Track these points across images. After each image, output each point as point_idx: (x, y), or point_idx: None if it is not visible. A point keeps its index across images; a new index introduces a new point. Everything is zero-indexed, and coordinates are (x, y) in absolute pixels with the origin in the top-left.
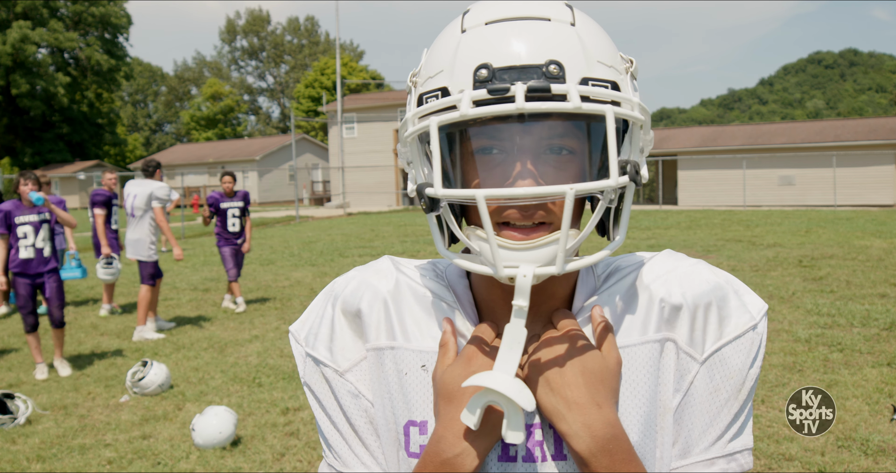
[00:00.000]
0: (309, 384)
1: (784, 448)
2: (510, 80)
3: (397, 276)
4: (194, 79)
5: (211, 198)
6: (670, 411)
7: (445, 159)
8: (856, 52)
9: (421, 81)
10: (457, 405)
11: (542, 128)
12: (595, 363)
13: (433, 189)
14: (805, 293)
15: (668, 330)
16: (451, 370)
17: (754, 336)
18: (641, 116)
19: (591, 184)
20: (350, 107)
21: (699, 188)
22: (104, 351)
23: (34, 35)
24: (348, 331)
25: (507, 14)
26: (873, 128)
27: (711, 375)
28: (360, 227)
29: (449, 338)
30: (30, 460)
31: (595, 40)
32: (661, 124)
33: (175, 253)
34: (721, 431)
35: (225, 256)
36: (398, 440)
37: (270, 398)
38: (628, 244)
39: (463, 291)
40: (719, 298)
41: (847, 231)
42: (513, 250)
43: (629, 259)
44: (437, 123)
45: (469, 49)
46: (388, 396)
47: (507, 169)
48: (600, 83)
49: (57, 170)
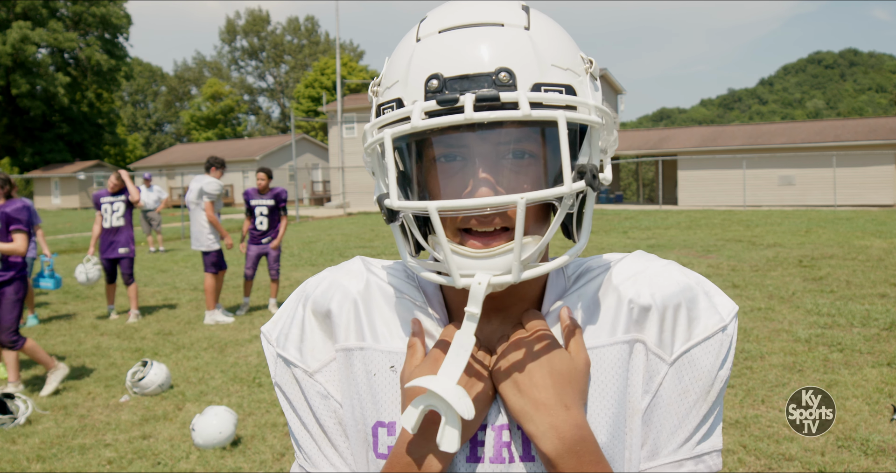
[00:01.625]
0: (280, 384)
1: (784, 448)
2: (460, 90)
3: (368, 277)
4: (194, 79)
5: (245, 194)
6: (639, 412)
7: (407, 168)
8: (856, 52)
9: (381, 91)
10: None
11: (499, 135)
12: (563, 364)
13: (390, 200)
14: (805, 293)
15: (637, 332)
16: (418, 371)
17: (724, 337)
18: (599, 119)
19: (543, 193)
20: (350, 107)
21: (699, 188)
22: (104, 351)
23: (34, 35)
24: (318, 332)
25: (460, 21)
26: (873, 128)
27: (680, 377)
28: (360, 227)
29: (417, 339)
30: (30, 460)
31: (550, 43)
32: (661, 124)
33: (226, 243)
34: (690, 433)
35: (247, 255)
36: (367, 441)
37: (270, 398)
38: (629, 244)
39: (433, 292)
40: (689, 299)
41: (847, 231)
42: (470, 258)
43: (600, 260)
44: (391, 136)
45: (421, 59)
46: (357, 397)
47: (465, 177)
48: (553, 88)
49: (57, 170)
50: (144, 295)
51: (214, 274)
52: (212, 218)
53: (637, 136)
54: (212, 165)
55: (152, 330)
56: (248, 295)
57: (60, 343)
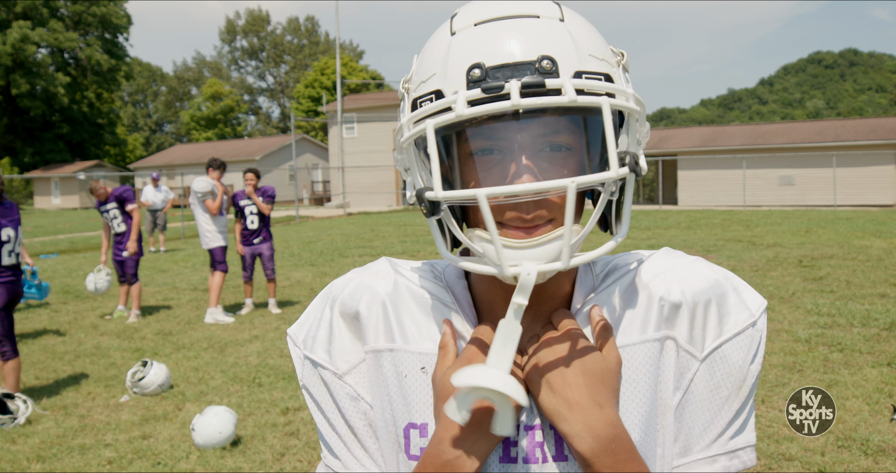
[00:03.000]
0: (307, 387)
1: (784, 448)
2: (504, 78)
3: (395, 278)
4: (194, 80)
5: (234, 196)
6: (671, 409)
7: (444, 161)
8: (856, 52)
9: (413, 87)
10: None
11: (539, 126)
12: (595, 363)
13: (433, 192)
14: (805, 293)
15: (668, 329)
16: (451, 372)
17: (754, 332)
18: (637, 107)
19: (592, 177)
20: (350, 107)
21: (699, 188)
22: (104, 351)
23: (34, 35)
24: (347, 334)
25: (495, 14)
26: (873, 128)
27: (712, 373)
28: (360, 227)
29: (448, 340)
30: (30, 460)
31: (585, 34)
32: (661, 124)
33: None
34: (722, 428)
35: (242, 257)
36: (398, 442)
37: (270, 398)
38: (628, 244)
39: (462, 292)
40: (718, 295)
41: (847, 231)
42: (516, 249)
43: (627, 257)
44: (434, 125)
45: (460, 50)
46: (387, 398)
47: (505, 168)
48: (594, 76)
49: (57, 170)
50: (144, 295)
51: (223, 273)
52: (212, 209)
53: None
54: (208, 166)
55: (152, 330)
56: (251, 296)
57: (60, 343)
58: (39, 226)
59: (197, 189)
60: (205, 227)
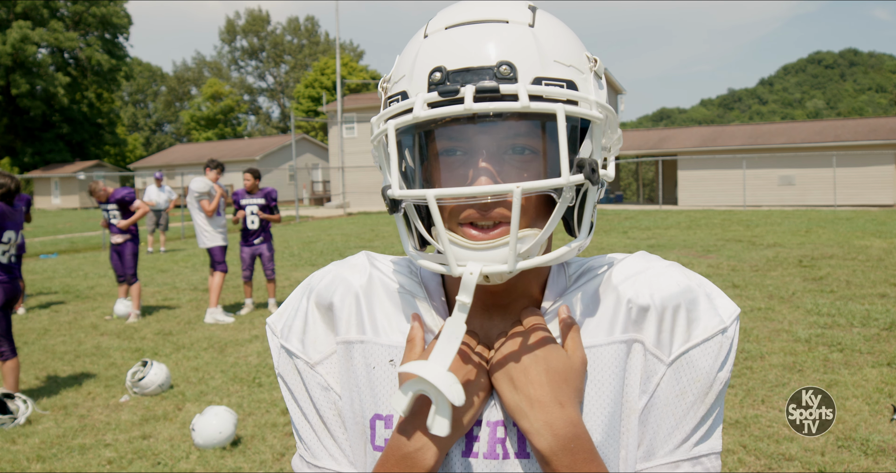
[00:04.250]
0: (282, 375)
1: (784, 448)
2: (462, 82)
3: (371, 271)
4: (194, 80)
5: (235, 194)
6: (636, 412)
7: (414, 161)
8: (856, 52)
9: (389, 86)
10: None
11: (501, 129)
12: (559, 362)
13: (391, 190)
14: (805, 293)
15: (636, 332)
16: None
17: (723, 339)
18: (600, 114)
19: (539, 183)
20: (350, 107)
21: (699, 188)
22: (104, 351)
23: (34, 35)
24: (321, 324)
25: (466, 18)
26: (873, 128)
27: (678, 377)
28: (360, 227)
29: (416, 333)
30: (30, 460)
31: (554, 40)
32: (661, 124)
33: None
34: (687, 434)
35: (242, 257)
36: (365, 433)
37: (270, 398)
38: (629, 244)
39: (435, 288)
40: (689, 301)
41: (847, 231)
42: (468, 249)
43: (602, 259)
44: (394, 126)
45: (427, 54)
46: (356, 389)
47: (467, 170)
48: (555, 82)
49: (57, 170)
50: (144, 295)
51: (223, 273)
52: (207, 210)
53: (637, 136)
54: (206, 167)
55: (152, 330)
56: (251, 297)
57: (60, 343)
58: (39, 226)
59: (195, 189)
60: (202, 227)
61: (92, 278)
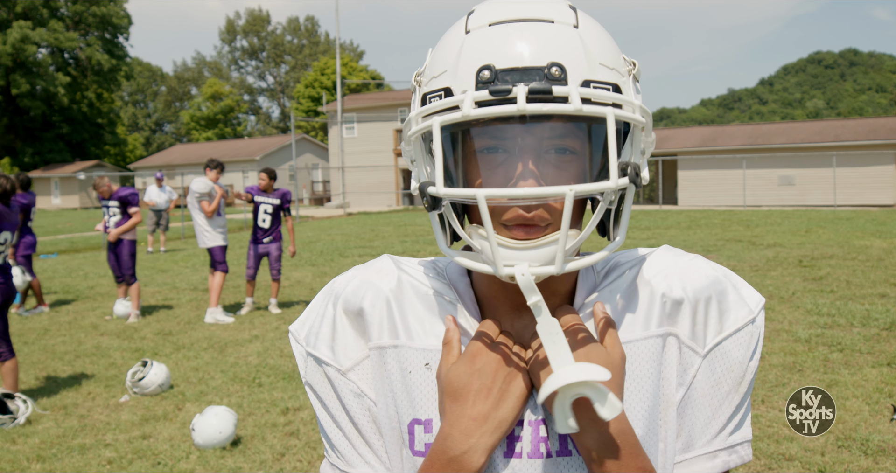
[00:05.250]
0: (311, 384)
1: (784, 448)
2: (512, 82)
3: (399, 275)
4: (194, 80)
5: (249, 188)
6: (674, 405)
7: (448, 159)
8: (856, 52)
9: (425, 81)
10: (462, 402)
11: (544, 129)
12: (600, 359)
13: (435, 188)
14: (805, 293)
15: (670, 325)
16: (455, 367)
17: (753, 329)
18: (642, 118)
19: (590, 186)
20: (350, 107)
21: (699, 188)
22: (104, 351)
23: (34, 35)
24: (350, 330)
25: (510, 16)
26: (873, 128)
27: (713, 369)
28: (360, 227)
29: (453, 336)
30: (30, 460)
31: (598, 42)
32: (661, 124)
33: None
34: (723, 424)
35: (248, 254)
36: (402, 438)
37: (270, 398)
38: (628, 243)
39: (464, 289)
40: (719, 292)
41: (847, 231)
42: (513, 249)
43: (628, 255)
44: (440, 123)
45: (472, 50)
46: (391, 395)
47: (509, 169)
48: (602, 85)
49: (57, 170)
50: (144, 295)
51: (214, 271)
52: (207, 211)
53: None
54: (206, 166)
55: (152, 330)
56: (252, 296)
57: (60, 343)
58: (39, 225)
59: (195, 189)
60: (202, 227)
61: (92, 278)
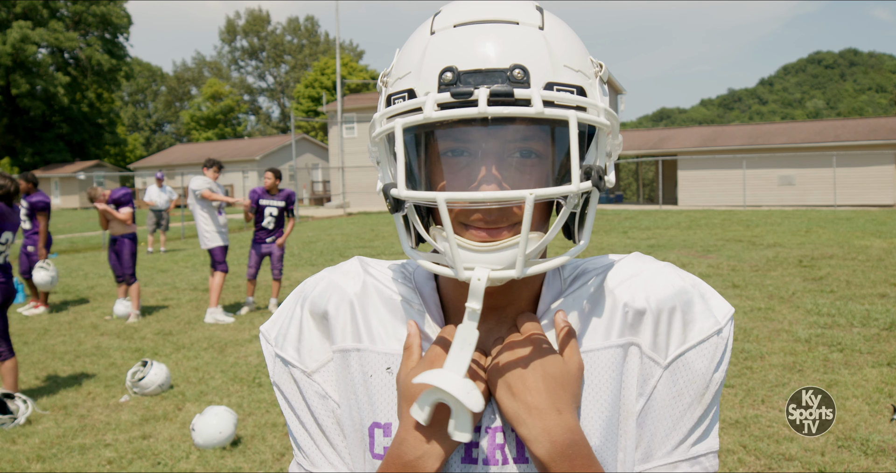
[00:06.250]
0: (278, 384)
1: (784, 448)
2: (475, 84)
3: (364, 278)
4: (194, 80)
5: (253, 193)
6: (633, 415)
7: (412, 160)
8: (856, 52)
9: (391, 82)
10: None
11: (508, 132)
12: (556, 368)
13: (397, 190)
14: (805, 293)
15: (632, 335)
16: (414, 372)
17: (718, 340)
18: (607, 121)
19: (551, 190)
20: (350, 107)
21: (699, 188)
22: (104, 351)
23: (34, 35)
24: (316, 333)
25: (475, 17)
26: (873, 128)
27: (675, 380)
28: (360, 227)
29: (413, 341)
30: (30, 460)
31: (563, 45)
32: (661, 124)
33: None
34: (684, 435)
35: (250, 254)
36: (364, 441)
37: (270, 398)
38: (629, 244)
39: (430, 293)
40: (684, 302)
41: (847, 231)
42: (474, 252)
43: (596, 262)
44: (402, 125)
45: (436, 51)
46: (353, 397)
47: (472, 172)
48: (565, 88)
49: (57, 170)
50: (144, 295)
51: (223, 273)
52: (211, 197)
53: (637, 136)
54: (203, 166)
55: (152, 330)
56: (252, 295)
57: (60, 343)
58: None
59: (195, 187)
60: (203, 227)
61: (92, 278)
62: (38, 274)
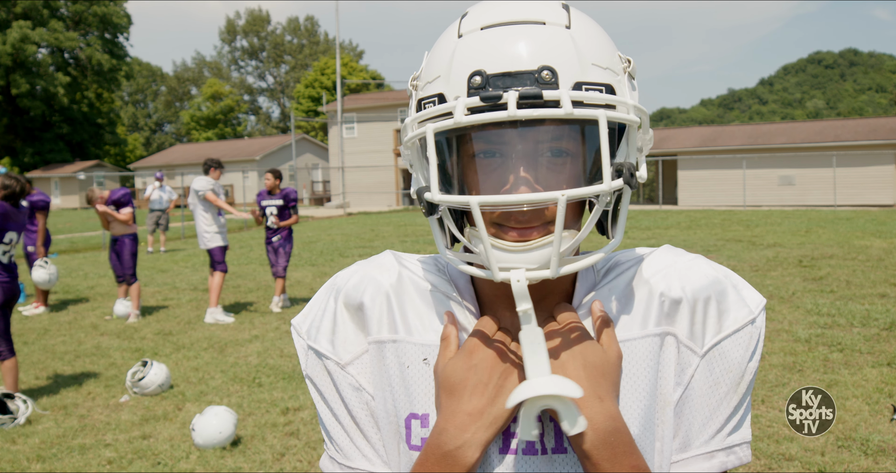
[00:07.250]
0: (311, 377)
1: (784, 448)
2: (503, 87)
3: (399, 270)
4: (194, 80)
5: (258, 196)
6: (671, 404)
7: (445, 163)
8: (856, 52)
9: (421, 85)
10: (458, 397)
11: (538, 133)
12: (596, 356)
13: (430, 194)
14: (805, 293)
15: (669, 325)
16: (452, 363)
17: (753, 330)
18: (637, 118)
19: (583, 190)
20: (350, 107)
21: (699, 188)
22: (104, 351)
23: (34, 35)
24: (350, 324)
25: (502, 18)
26: (873, 128)
27: (711, 369)
28: (360, 227)
29: (451, 331)
30: (30, 460)
31: (591, 42)
32: (661, 124)
33: (235, 216)
34: (720, 424)
35: (267, 253)
36: (399, 433)
37: (270, 398)
38: (628, 243)
39: (464, 285)
40: (718, 292)
41: (847, 231)
42: (508, 252)
43: (628, 254)
44: (433, 130)
45: (464, 55)
46: (389, 389)
47: (504, 174)
48: (594, 87)
49: (57, 170)
50: (144, 295)
51: (223, 273)
52: (219, 205)
53: None
54: (210, 167)
55: (152, 330)
56: (285, 292)
57: (60, 343)
58: None
59: (198, 188)
60: (203, 228)
61: (92, 278)
62: (36, 272)
